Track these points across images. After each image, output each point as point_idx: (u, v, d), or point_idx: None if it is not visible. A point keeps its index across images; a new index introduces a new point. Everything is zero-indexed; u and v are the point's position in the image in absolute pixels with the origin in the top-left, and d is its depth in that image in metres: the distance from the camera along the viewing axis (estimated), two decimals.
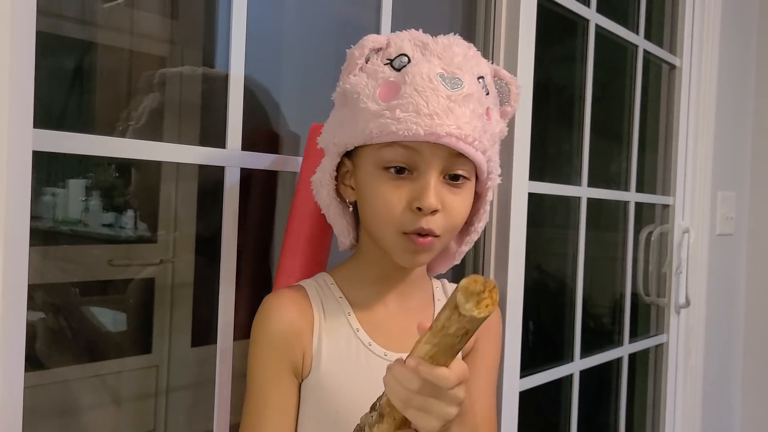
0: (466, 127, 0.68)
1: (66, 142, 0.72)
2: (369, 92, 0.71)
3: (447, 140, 0.68)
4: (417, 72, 0.69)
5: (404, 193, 0.70)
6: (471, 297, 0.55)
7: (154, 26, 0.89)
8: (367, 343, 0.77)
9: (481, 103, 0.71)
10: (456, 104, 0.68)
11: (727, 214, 2.07)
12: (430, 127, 0.67)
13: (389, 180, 0.71)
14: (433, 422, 0.61)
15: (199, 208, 0.93)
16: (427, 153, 0.69)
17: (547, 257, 1.57)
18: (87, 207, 0.84)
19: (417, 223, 0.70)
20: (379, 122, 0.69)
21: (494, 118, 0.75)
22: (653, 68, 1.86)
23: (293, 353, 0.75)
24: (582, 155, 1.52)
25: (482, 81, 0.73)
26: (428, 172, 0.70)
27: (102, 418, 0.86)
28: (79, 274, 0.84)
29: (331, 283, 0.80)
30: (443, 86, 0.68)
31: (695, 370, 1.91)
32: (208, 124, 0.91)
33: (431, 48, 0.71)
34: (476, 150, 0.70)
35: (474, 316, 0.55)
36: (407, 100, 0.68)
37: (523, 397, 1.27)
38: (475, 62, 0.73)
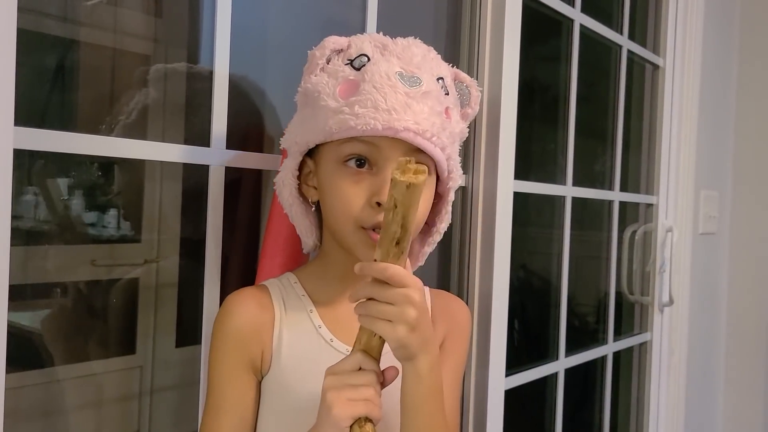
0: (425, 122, 0.70)
1: (47, 140, 0.71)
2: (329, 90, 0.72)
3: (405, 135, 0.69)
4: (376, 70, 0.70)
5: (364, 188, 0.71)
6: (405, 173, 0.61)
7: (138, 24, 0.88)
8: (329, 339, 0.77)
9: (440, 101, 0.73)
10: (414, 100, 0.70)
11: (709, 213, 2.09)
12: (388, 121, 0.68)
13: (349, 175, 0.72)
14: (397, 327, 0.64)
15: (183, 208, 0.93)
16: (385, 148, 0.71)
17: (532, 256, 1.57)
18: (69, 206, 0.84)
19: (376, 218, 0.70)
20: (338, 118, 0.70)
21: (454, 118, 0.76)
22: (637, 68, 1.87)
23: (251, 350, 0.76)
24: (567, 154, 1.53)
25: (441, 81, 0.75)
26: (387, 167, 0.70)
27: (86, 419, 0.85)
28: (61, 274, 0.83)
29: (295, 281, 0.81)
30: (402, 84, 0.70)
31: (678, 368, 1.93)
32: (193, 122, 0.91)
33: (390, 48, 0.73)
34: (435, 146, 0.72)
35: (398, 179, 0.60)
36: (366, 96, 0.69)
37: (509, 395, 1.28)
38: (434, 63, 0.75)
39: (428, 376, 0.68)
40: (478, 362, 1.22)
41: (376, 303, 0.64)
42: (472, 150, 1.23)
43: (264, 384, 0.77)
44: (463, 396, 1.23)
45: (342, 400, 0.65)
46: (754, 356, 2.27)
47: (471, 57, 1.24)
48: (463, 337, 0.86)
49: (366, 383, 0.66)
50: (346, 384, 0.66)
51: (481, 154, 1.22)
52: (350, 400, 0.65)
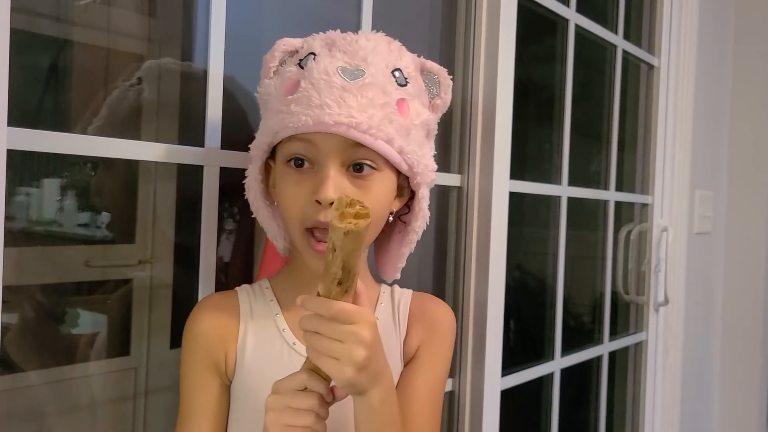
0: (360, 115, 0.67)
1: (41, 140, 0.71)
2: (276, 93, 0.72)
3: (336, 129, 0.67)
4: (315, 67, 0.69)
5: (306, 187, 0.70)
6: (344, 217, 0.58)
7: (131, 24, 0.87)
8: (292, 343, 0.76)
9: (387, 92, 0.70)
10: (349, 93, 0.68)
11: (704, 212, 2.10)
12: (319, 117, 0.67)
13: (292, 175, 0.71)
14: (345, 368, 0.60)
15: (177, 208, 0.92)
16: (321, 145, 0.69)
17: (527, 256, 1.57)
18: (62, 207, 0.83)
19: (316, 216, 0.69)
20: (278, 118, 0.70)
21: (413, 109, 0.73)
22: (632, 68, 1.88)
23: (216, 354, 0.75)
24: (562, 154, 1.53)
25: (398, 73, 0.72)
26: (326, 164, 0.69)
27: (80, 421, 0.85)
28: (54, 275, 0.83)
29: (266, 286, 0.81)
30: (341, 78, 0.68)
31: (674, 368, 1.94)
32: (187, 122, 0.90)
33: (338, 44, 0.72)
34: (375, 138, 0.68)
35: (335, 225, 0.57)
36: (302, 93, 0.68)
37: (505, 395, 1.28)
38: (391, 55, 0.73)
39: (380, 408, 0.65)
40: (474, 362, 1.22)
41: (323, 338, 0.61)
42: (467, 150, 1.23)
43: (232, 388, 0.77)
44: (459, 396, 1.23)
45: (280, 425, 0.62)
46: (749, 355, 2.27)
47: (466, 56, 1.24)
48: (444, 343, 0.82)
49: (307, 407, 0.62)
50: (286, 406, 0.62)
51: (476, 153, 1.22)
52: (288, 426, 0.62)
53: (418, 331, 0.81)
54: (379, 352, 0.64)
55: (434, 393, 0.80)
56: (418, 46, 1.27)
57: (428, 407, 0.78)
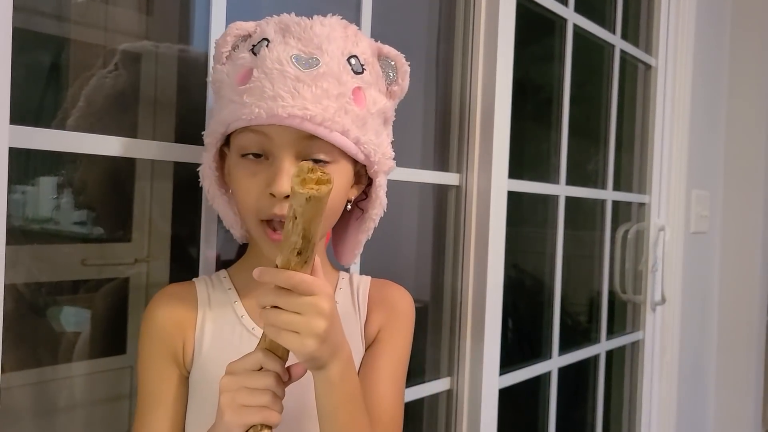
0: (314, 107, 0.66)
1: (42, 138, 0.71)
2: (229, 80, 0.70)
3: (290, 121, 0.66)
4: (269, 55, 0.67)
5: (260, 179, 0.69)
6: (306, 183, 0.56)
7: (131, 21, 0.87)
8: (251, 328, 0.76)
9: (342, 82, 0.68)
10: (303, 84, 0.66)
11: (701, 212, 2.10)
12: (272, 109, 0.65)
13: (246, 167, 0.70)
14: (306, 340, 0.59)
15: (174, 206, 0.92)
16: (275, 137, 0.68)
17: (525, 255, 1.57)
18: (59, 205, 0.83)
19: (272, 209, 0.68)
20: (231, 108, 0.69)
21: (370, 98, 0.71)
22: (629, 68, 1.88)
23: (173, 343, 0.74)
24: (560, 154, 1.53)
25: (354, 60, 0.71)
26: (280, 157, 0.68)
27: (75, 420, 0.85)
28: (51, 273, 0.83)
29: (224, 276, 0.80)
30: (294, 67, 0.66)
31: (671, 366, 1.94)
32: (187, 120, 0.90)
33: (292, 30, 0.70)
34: (330, 130, 0.67)
35: (297, 191, 0.56)
36: (255, 84, 0.67)
37: (503, 394, 1.28)
38: (349, 42, 0.71)
39: (340, 383, 0.64)
40: (471, 361, 1.22)
41: (282, 312, 0.60)
42: (466, 149, 1.23)
43: (190, 378, 0.76)
44: (457, 395, 1.24)
45: (235, 405, 0.61)
46: (744, 354, 2.28)
47: (465, 56, 1.24)
48: (403, 326, 0.82)
49: (263, 386, 0.61)
50: (241, 386, 0.61)
51: (475, 152, 1.22)
52: (244, 406, 0.61)
53: (377, 315, 0.80)
54: (337, 325, 0.63)
55: (397, 376, 0.79)
56: (417, 45, 1.27)
57: (392, 391, 0.77)
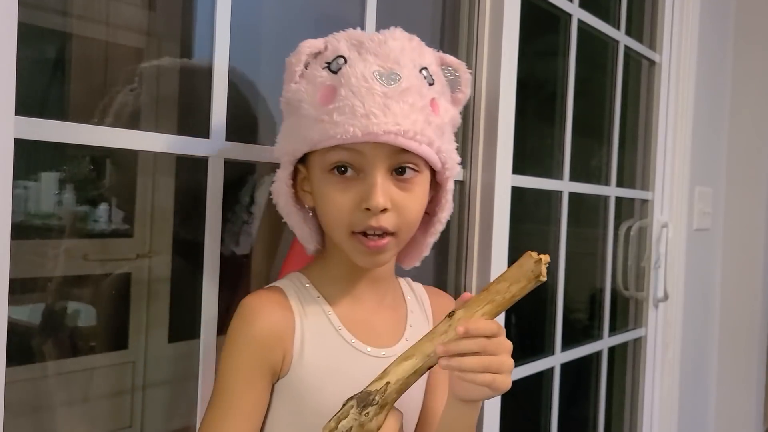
0: (405, 122, 0.68)
1: (47, 129, 0.70)
2: (309, 98, 0.71)
3: (386, 138, 0.68)
4: (352, 72, 0.69)
5: (352, 194, 0.71)
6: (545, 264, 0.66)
7: (136, 15, 0.87)
8: (350, 341, 0.77)
9: (423, 95, 0.71)
10: (392, 100, 0.68)
11: (704, 209, 2.10)
12: (367, 127, 0.67)
13: (337, 183, 0.72)
14: (507, 378, 0.66)
15: (178, 201, 0.92)
16: (369, 153, 0.70)
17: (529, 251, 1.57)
18: (61, 200, 0.83)
19: (367, 222, 0.70)
20: (319, 127, 0.70)
21: (442, 107, 0.74)
22: (633, 64, 1.88)
23: (273, 355, 0.74)
24: (564, 149, 1.53)
25: (425, 72, 0.73)
26: (373, 172, 0.70)
27: (78, 414, 0.85)
28: (53, 268, 0.82)
29: (307, 283, 0.80)
30: (379, 83, 0.68)
31: (672, 363, 1.94)
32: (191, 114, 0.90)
33: (367, 46, 0.71)
34: (420, 143, 0.70)
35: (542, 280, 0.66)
36: (344, 102, 0.68)
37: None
38: (416, 54, 0.73)
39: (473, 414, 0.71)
40: None
41: (480, 357, 0.65)
42: (470, 144, 1.23)
43: (279, 386, 0.76)
44: None
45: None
46: (746, 351, 2.28)
47: (469, 52, 1.24)
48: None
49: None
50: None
51: (479, 148, 1.21)
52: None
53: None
54: None
55: None
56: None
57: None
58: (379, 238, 0.71)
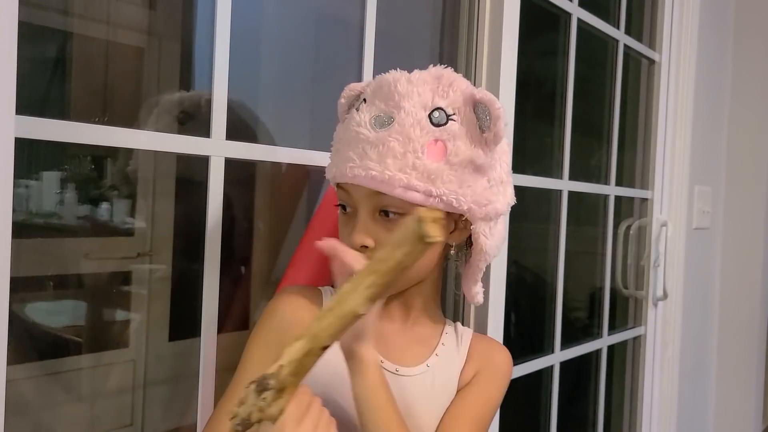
0: (376, 167, 0.71)
1: (48, 129, 0.70)
2: (337, 137, 0.79)
3: (358, 181, 0.72)
4: (354, 117, 0.74)
5: (348, 228, 0.76)
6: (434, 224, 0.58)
7: (136, 14, 0.87)
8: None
9: (412, 138, 0.71)
10: (371, 146, 0.72)
11: (703, 208, 2.10)
12: (341, 171, 0.74)
13: (341, 216, 0.78)
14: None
15: (179, 200, 0.92)
16: (353, 193, 0.75)
17: (528, 251, 1.57)
18: (62, 199, 0.83)
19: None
20: (328, 165, 0.79)
21: (451, 149, 0.72)
22: (633, 63, 1.88)
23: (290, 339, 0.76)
24: (563, 148, 1.53)
25: (438, 112, 0.73)
26: (359, 211, 0.75)
27: (79, 412, 0.85)
28: (54, 267, 0.83)
29: None
30: (369, 129, 0.72)
31: (672, 361, 1.94)
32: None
33: (382, 90, 0.75)
34: (393, 186, 0.71)
35: (439, 239, 0.59)
36: (338, 145, 0.76)
37: None
38: (434, 95, 0.74)
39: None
40: None
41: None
42: None
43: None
44: None
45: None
46: (745, 350, 2.29)
47: (469, 51, 1.24)
48: (496, 377, 0.83)
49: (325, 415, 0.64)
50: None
51: None
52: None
53: (474, 364, 0.82)
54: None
55: (480, 422, 0.79)
56: (421, 41, 1.27)
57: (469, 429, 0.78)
58: None
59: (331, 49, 0.76)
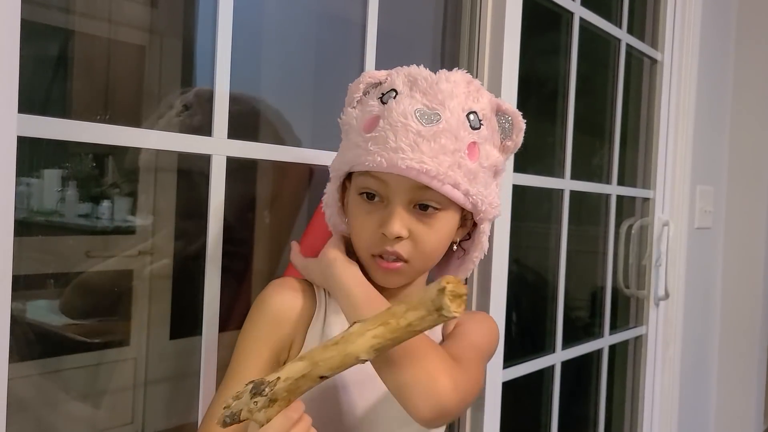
0: (430, 162, 0.71)
1: (50, 127, 0.71)
2: (356, 125, 0.76)
3: (408, 173, 0.71)
4: (395, 107, 0.73)
5: (375, 218, 0.75)
6: (455, 299, 0.58)
7: (139, 12, 0.87)
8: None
9: (459, 138, 0.73)
10: (424, 139, 0.71)
11: (705, 207, 2.10)
12: (393, 160, 0.71)
13: (363, 205, 0.77)
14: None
15: (180, 198, 0.92)
16: (393, 184, 0.74)
17: (529, 250, 1.57)
18: (63, 197, 0.83)
19: (383, 246, 0.75)
20: (356, 152, 0.75)
21: (483, 152, 0.76)
22: (635, 62, 1.87)
23: (282, 334, 0.78)
24: (565, 148, 1.53)
25: (473, 116, 0.75)
26: (394, 202, 0.74)
27: (79, 411, 0.85)
28: (55, 265, 0.83)
29: None
30: (416, 122, 0.72)
31: (673, 361, 1.94)
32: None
33: (419, 84, 0.74)
34: (442, 183, 0.72)
35: (455, 317, 0.58)
36: (380, 133, 0.73)
37: (506, 387, 1.28)
38: (468, 98, 0.76)
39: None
40: None
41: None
42: None
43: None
44: None
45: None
46: (746, 350, 2.28)
47: (471, 50, 1.24)
48: (477, 323, 0.83)
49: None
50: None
51: None
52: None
53: (456, 321, 0.83)
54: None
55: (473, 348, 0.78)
56: (423, 40, 1.27)
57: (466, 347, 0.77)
58: (393, 261, 0.75)
59: (333, 48, 0.76)
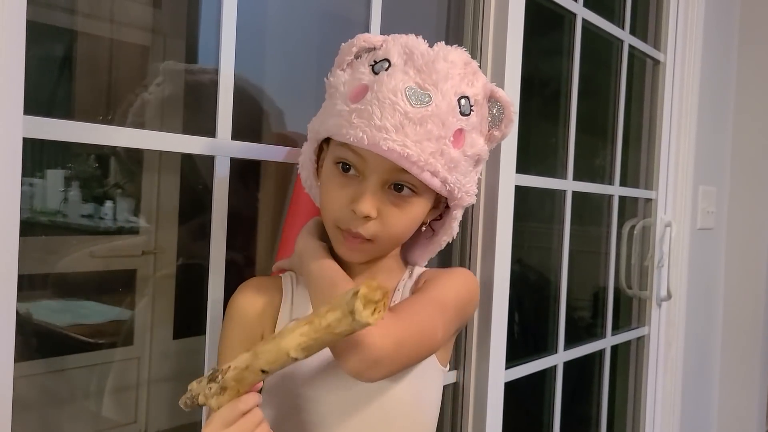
0: (413, 146, 0.68)
1: (56, 129, 0.71)
2: (343, 90, 0.72)
3: (389, 155, 0.69)
4: (386, 81, 0.69)
5: (347, 193, 0.73)
6: (369, 305, 0.56)
7: (143, 14, 0.87)
8: None
9: (446, 123, 0.70)
10: (410, 121, 0.68)
11: (707, 208, 2.10)
12: (375, 138, 0.68)
13: (337, 176, 0.74)
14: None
15: (184, 199, 0.92)
16: (371, 161, 0.71)
17: (532, 250, 1.58)
18: (67, 198, 0.83)
19: (349, 223, 0.73)
20: (338, 121, 0.71)
21: (469, 140, 0.74)
22: (638, 63, 1.87)
23: (253, 331, 0.78)
24: (568, 148, 1.53)
25: (465, 101, 0.73)
26: (370, 179, 0.72)
27: (83, 410, 0.85)
28: (59, 265, 0.83)
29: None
30: (405, 101, 0.68)
31: (675, 362, 1.94)
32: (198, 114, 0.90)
33: (415, 58, 0.71)
34: (421, 170, 0.70)
35: (368, 323, 0.56)
36: (366, 107, 0.69)
37: (509, 387, 1.29)
38: (462, 80, 0.73)
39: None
40: (478, 355, 1.22)
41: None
42: None
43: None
44: (463, 388, 1.24)
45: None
46: (749, 350, 2.28)
47: (474, 50, 1.24)
48: (445, 276, 0.80)
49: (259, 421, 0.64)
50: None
51: None
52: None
53: (425, 278, 0.82)
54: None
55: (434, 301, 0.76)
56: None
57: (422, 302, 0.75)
58: (356, 237, 0.73)
59: (335, 47, 0.76)
